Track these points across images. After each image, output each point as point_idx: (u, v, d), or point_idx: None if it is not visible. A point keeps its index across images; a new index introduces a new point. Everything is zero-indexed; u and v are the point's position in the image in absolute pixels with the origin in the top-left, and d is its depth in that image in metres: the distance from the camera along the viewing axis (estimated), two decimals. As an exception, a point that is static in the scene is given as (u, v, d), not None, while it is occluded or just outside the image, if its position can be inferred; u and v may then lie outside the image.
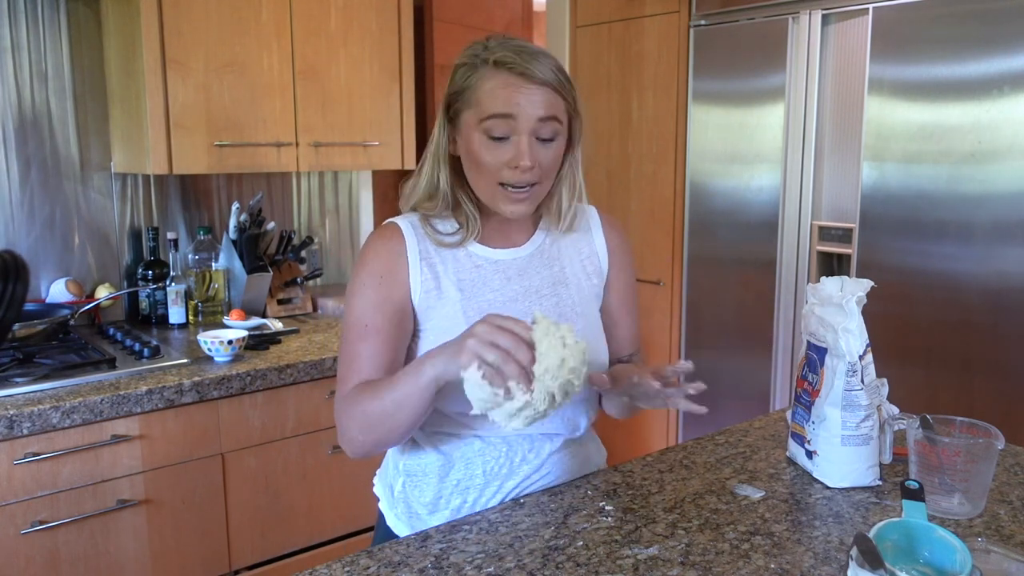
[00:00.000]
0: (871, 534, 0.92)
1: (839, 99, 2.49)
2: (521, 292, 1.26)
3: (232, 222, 2.54)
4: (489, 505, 1.26)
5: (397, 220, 1.28)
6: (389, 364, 1.21)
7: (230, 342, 2.10)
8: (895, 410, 1.35)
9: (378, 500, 1.38)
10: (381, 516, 1.37)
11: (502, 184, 1.18)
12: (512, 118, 1.15)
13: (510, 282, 1.27)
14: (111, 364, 2.01)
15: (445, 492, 1.26)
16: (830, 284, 1.34)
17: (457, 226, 1.26)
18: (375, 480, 1.41)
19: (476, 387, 1.01)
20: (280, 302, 2.66)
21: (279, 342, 2.33)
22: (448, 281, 1.24)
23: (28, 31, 2.31)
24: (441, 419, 1.25)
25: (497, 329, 1.01)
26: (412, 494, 1.29)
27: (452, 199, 1.25)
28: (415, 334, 1.25)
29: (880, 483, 1.30)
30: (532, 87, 1.15)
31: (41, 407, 1.78)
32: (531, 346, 1.01)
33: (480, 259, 1.27)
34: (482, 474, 1.25)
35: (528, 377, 1.00)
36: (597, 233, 1.37)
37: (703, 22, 2.80)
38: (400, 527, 1.31)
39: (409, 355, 1.25)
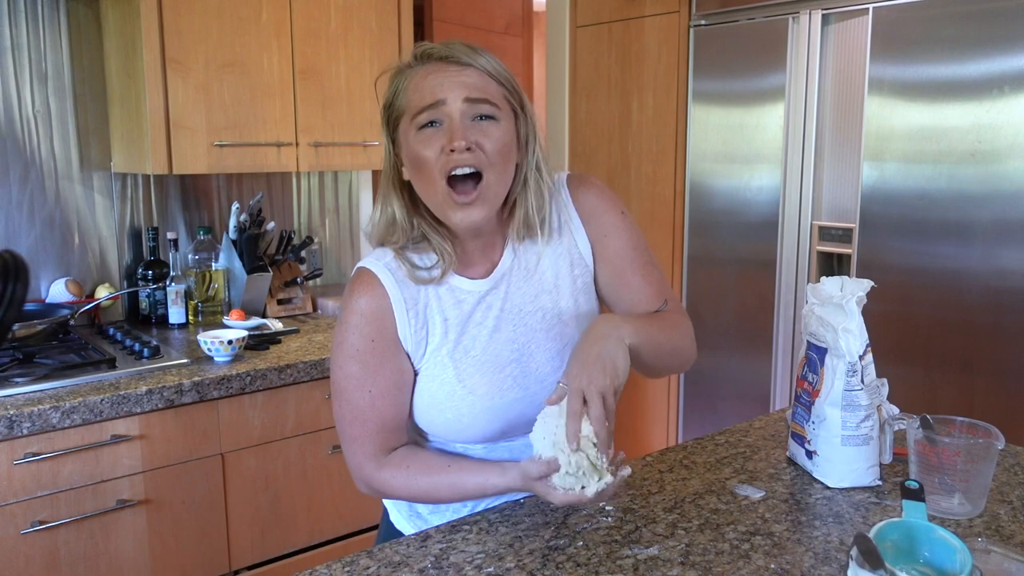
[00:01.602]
0: (871, 534, 0.92)
1: (839, 99, 2.49)
2: (503, 317, 1.21)
3: (232, 222, 2.54)
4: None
5: (371, 266, 1.19)
6: (402, 420, 1.21)
7: (230, 342, 2.10)
8: (895, 410, 1.35)
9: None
10: (385, 512, 1.37)
11: (449, 183, 1.10)
12: (441, 103, 1.09)
13: (491, 310, 1.21)
14: (111, 364, 2.01)
15: None
16: (830, 284, 1.33)
17: (435, 258, 1.18)
18: None
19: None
20: (280, 302, 2.66)
21: (279, 342, 2.33)
22: (435, 323, 1.19)
23: (28, 31, 2.31)
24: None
25: (550, 490, 1.05)
26: None
27: (416, 232, 1.18)
28: None
29: (880, 483, 1.30)
30: (456, 68, 1.11)
31: (41, 407, 1.78)
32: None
33: (464, 293, 1.20)
34: None
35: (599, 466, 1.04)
36: (570, 212, 1.25)
37: (703, 22, 2.80)
38: (403, 523, 1.32)
39: None
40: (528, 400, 1.19)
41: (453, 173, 1.10)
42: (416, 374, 1.21)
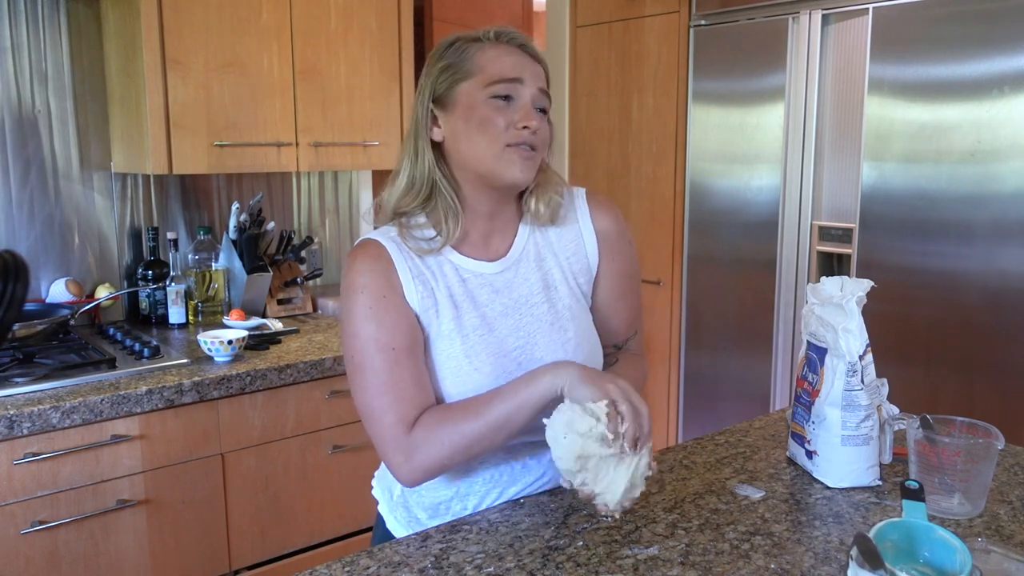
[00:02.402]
0: (871, 534, 0.92)
1: (839, 99, 2.49)
2: (511, 304, 1.23)
3: (232, 222, 2.54)
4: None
5: (376, 236, 1.22)
6: (429, 386, 1.18)
7: (230, 342, 2.10)
8: (895, 410, 1.35)
9: (377, 502, 1.38)
10: (380, 518, 1.36)
11: (508, 146, 1.17)
12: (520, 82, 1.18)
13: (499, 295, 1.23)
14: (111, 364, 2.01)
15: (445, 498, 1.25)
16: (830, 284, 1.34)
17: (435, 232, 1.22)
18: (374, 483, 1.40)
19: (584, 419, 1.06)
20: (280, 302, 2.66)
21: (279, 342, 2.33)
22: (441, 295, 1.20)
23: (28, 31, 2.31)
24: None
25: (635, 394, 1.08)
26: (411, 499, 1.28)
27: (430, 190, 1.22)
28: None
29: (880, 483, 1.30)
30: (531, 59, 1.22)
31: (41, 407, 1.78)
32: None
33: (467, 272, 1.23)
34: (482, 481, 1.24)
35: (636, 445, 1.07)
36: (585, 222, 1.30)
37: (703, 22, 2.80)
38: (399, 530, 1.30)
39: None
40: None
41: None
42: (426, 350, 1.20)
